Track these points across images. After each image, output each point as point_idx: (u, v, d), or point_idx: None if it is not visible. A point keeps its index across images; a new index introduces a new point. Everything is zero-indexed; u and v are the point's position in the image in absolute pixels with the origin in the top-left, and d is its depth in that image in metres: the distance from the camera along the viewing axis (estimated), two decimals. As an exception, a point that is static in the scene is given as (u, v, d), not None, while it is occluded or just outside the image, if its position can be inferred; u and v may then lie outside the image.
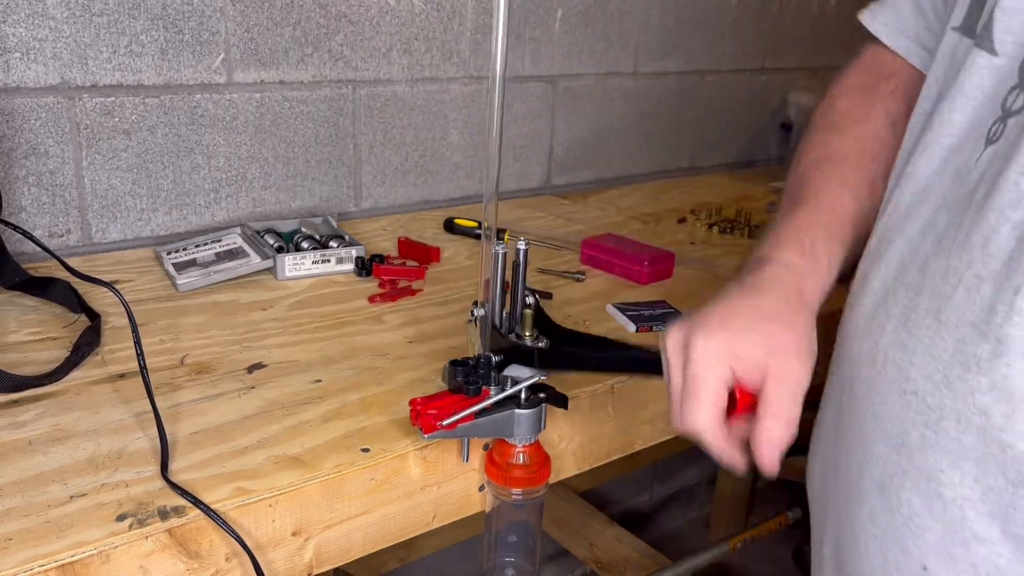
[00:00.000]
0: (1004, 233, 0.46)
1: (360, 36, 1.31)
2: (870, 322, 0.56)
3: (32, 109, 1.07)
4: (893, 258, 0.56)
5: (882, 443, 0.54)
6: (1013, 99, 0.49)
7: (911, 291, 0.53)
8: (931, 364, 0.50)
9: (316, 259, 1.11)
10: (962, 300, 0.48)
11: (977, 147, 0.51)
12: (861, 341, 0.57)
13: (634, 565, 1.50)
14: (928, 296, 0.51)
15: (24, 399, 0.76)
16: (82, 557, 0.57)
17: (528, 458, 0.74)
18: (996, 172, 0.48)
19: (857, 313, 0.59)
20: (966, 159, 0.51)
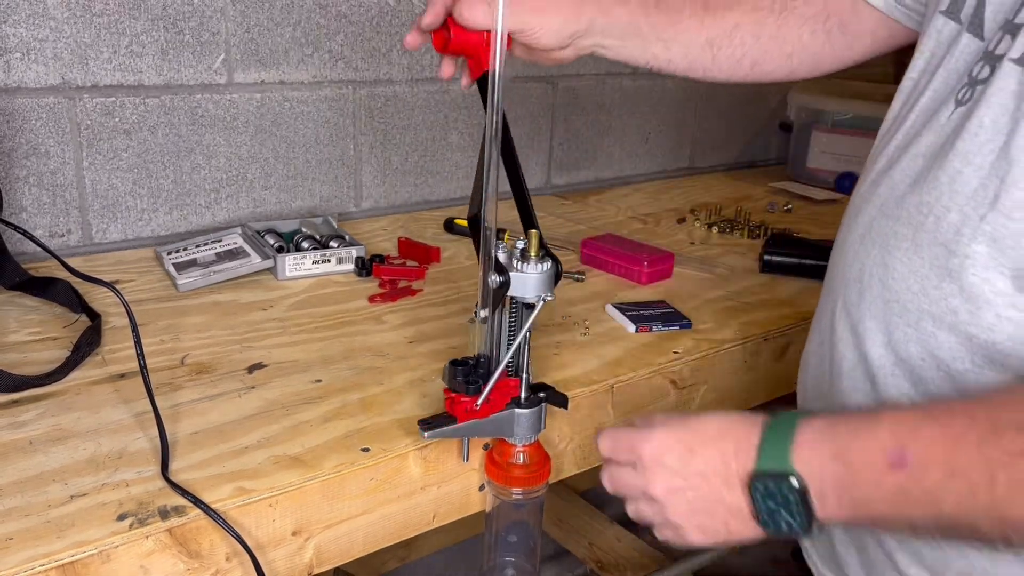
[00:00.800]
0: (967, 174, 0.57)
1: (360, 36, 1.32)
2: (858, 248, 0.67)
3: (33, 109, 1.07)
4: (879, 198, 0.66)
5: (875, 344, 0.64)
6: (979, 70, 0.60)
7: (891, 221, 0.64)
8: (910, 277, 0.61)
9: (316, 259, 1.11)
10: (932, 226, 0.59)
11: (949, 107, 0.61)
12: (851, 266, 0.68)
13: (634, 565, 1.50)
14: (905, 224, 0.62)
15: (24, 399, 0.76)
16: (82, 557, 0.57)
17: (528, 458, 0.74)
18: (961, 126, 0.59)
19: (848, 243, 0.69)
20: (940, 118, 0.62)
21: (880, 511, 0.52)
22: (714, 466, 0.57)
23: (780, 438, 0.55)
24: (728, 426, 0.58)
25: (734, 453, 0.56)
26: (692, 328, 1.00)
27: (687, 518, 0.59)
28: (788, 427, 0.55)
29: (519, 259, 0.69)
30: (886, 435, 0.51)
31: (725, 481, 0.57)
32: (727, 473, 0.57)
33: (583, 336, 0.96)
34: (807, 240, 1.29)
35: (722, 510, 0.57)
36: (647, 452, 0.60)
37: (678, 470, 0.59)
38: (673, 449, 0.59)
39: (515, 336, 0.70)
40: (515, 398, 0.73)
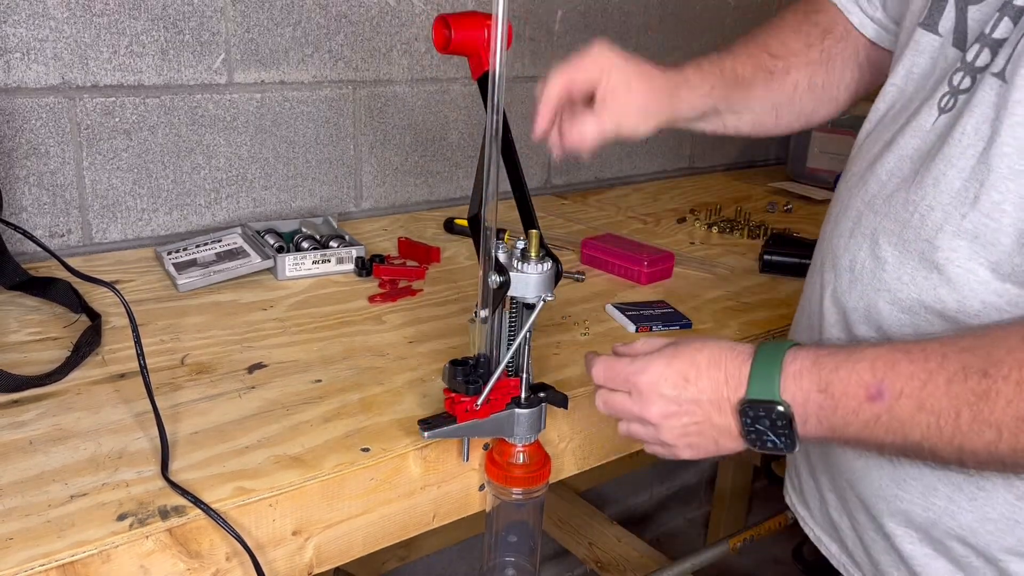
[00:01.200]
0: (951, 176, 0.62)
1: (360, 36, 1.32)
2: (848, 240, 0.71)
3: (33, 109, 1.07)
4: (867, 193, 0.70)
5: (864, 326, 0.69)
6: (959, 80, 0.64)
7: (879, 216, 0.68)
8: (900, 269, 0.66)
9: (316, 259, 1.11)
10: (918, 223, 0.64)
11: (932, 114, 0.66)
12: (841, 256, 0.72)
13: (634, 565, 1.50)
14: (892, 220, 0.67)
15: (25, 399, 0.76)
16: (83, 557, 0.57)
17: (528, 458, 0.74)
18: (946, 133, 0.63)
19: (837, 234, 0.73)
20: (923, 123, 0.67)
21: (854, 434, 0.59)
22: (707, 394, 0.63)
23: (769, 369, 0.61)
24: (719, 356, 0.64)
25: (725, 381, 0.63)
26: (692, 328, 1.00)
27: (679, 439, 0.65)
28: (776, 358, 0.61)
29: (519, 259, 0.69)
30: (866, 370, 0.57)
31: (717, 407, 0.63)
32: (719, 400, 0.63)
33: (583, 336, 0.96)
34: (807, 240, 1.29)
35: (713, 431, 0.64)
36: (643, 382, 0.65)
37: (673, 397, 0.64)
38: (668, 379, 0.64)
39: (515, 336, 0.71)
40: (515, 398, 0.73)
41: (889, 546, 0.70)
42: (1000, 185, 0.59)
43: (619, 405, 0.68)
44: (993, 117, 0.60)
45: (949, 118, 0.64)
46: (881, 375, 0.56)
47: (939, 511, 0.65)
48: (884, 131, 0.72)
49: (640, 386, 0.65)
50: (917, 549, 0.68)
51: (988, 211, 0.59)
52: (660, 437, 0.66)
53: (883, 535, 0.70)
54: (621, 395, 0.67)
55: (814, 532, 0.82)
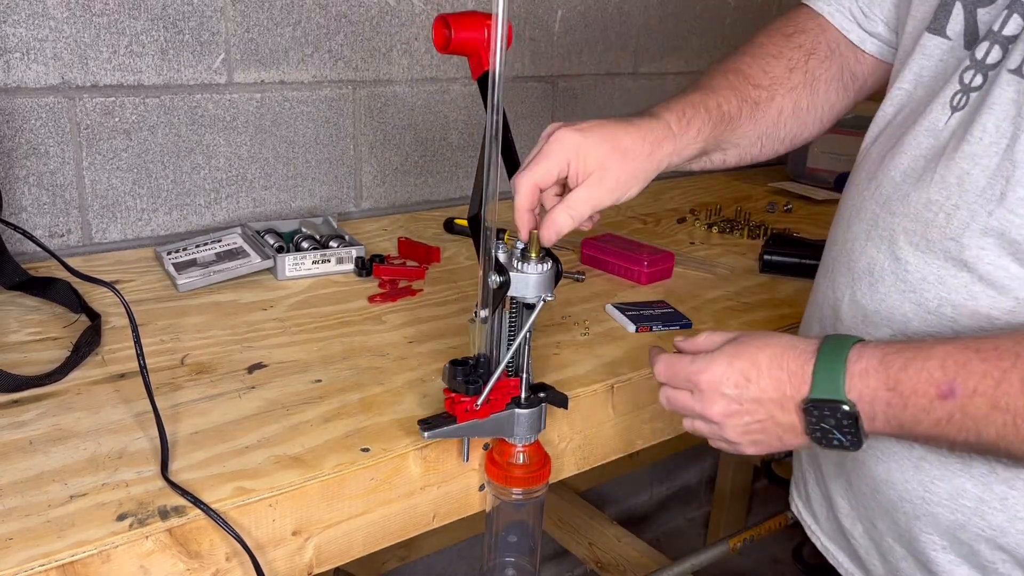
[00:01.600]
0: (975, 174, 0.62)
1: (360, 36, 1.31)
2: (864, 243, 0.71)
3: (32, 109, 1.07)
4: (881, 195, 0.70)
5: (887, 328, 0.68)
6: (971, 77, 0.64)
7: (897, 217, 0.67)
8: (925, 269, 0.65)
9: (316, 259, 1.11)
10: (943, 222, 0.63)
11: (944, 112, 0.66)
12: (857, 260, 0.71)
13: (634, 565, 1.50)
14: (913, 220, 0.66)
15: (24, 399, 0.76)
16: (82, 557, 0.57)
17: (528, 458, 0.74)
18: (963, 131, 0.63)
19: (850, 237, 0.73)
20: (935, 122, 0.66)
21: (924, 432, 0.58)
22: (769, 394, 0.63)
23: (833, 368, 0.60)
24: (781, 354, 0.63)
25: (788, 380, 0.62)
26: (692, 328, 1.00)
27: (742, 436, 0.65)
28: (839, 356, 0.60)
29: (519, 259, 0.69)
30: (936, 368, 0.56)
31: (780, 405, 0.62)
32: (782, 399, 0.62)
33: (583, 336, 0.96)
34: (807, 240, 1.29)
35: (776, 429, 0.64)
36: (704, 381, 0.65)
37: (734, 397, 0.64)
38: (729, 378, 0.64)
39: (515, 336, 0.70)
40: (515, 398, 0.73)
41: (909, 552, 0.69)
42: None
43: (682, 403, 0.68)
44: (1015, 114, 0.60)
45: (964, 116, 0.64)
46: (952, 373, 0.56)
47: (968, 512, 0.64)
48: (894, 133, 0.72)
49: (701, 385, 0.65)
50: (941, 556, 0.66)
51: (1014, 207, 0.59)
52: (723, 435, 0.66)
53: (904, 541, 0.69)
54: (684, 393, 0.67)
55: (821, 541, 0.81)
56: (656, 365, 0.70)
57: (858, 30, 0.84)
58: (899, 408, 0.58)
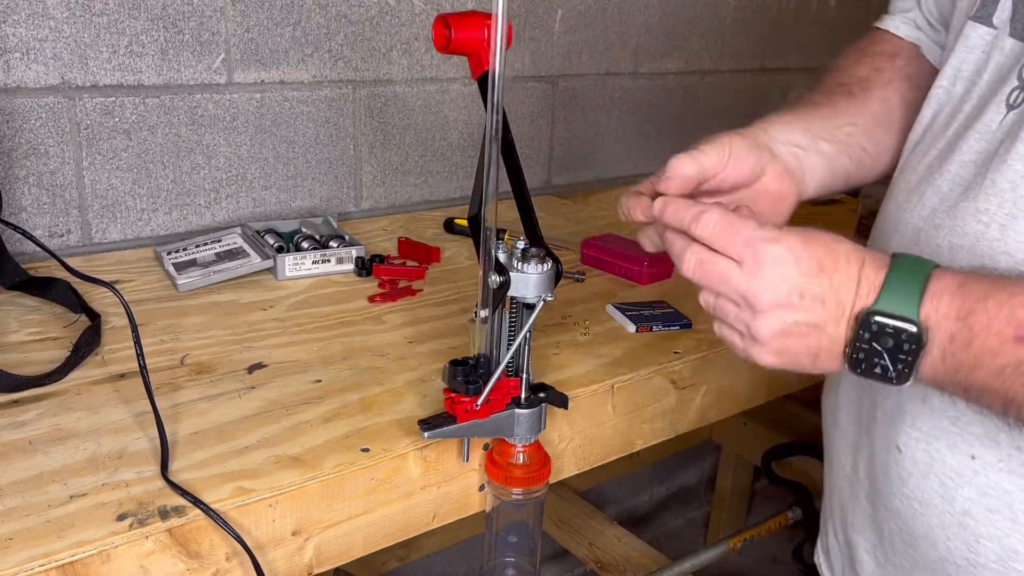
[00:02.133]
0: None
1: (360, 36, 1.31)
2: None
3: (32, 109, 1.07)
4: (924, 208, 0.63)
5: None
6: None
7: (943, 232, 0.61)
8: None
9: (316, 259, 1.11)
10: (997, 234, 0.56)
11: (999, 112, 0.59)
12: None
13: (634, 565, 1.50)
14: (960, 235, 0.59)
15: (24, 399, 0.76)
16: (82, 557, 0.57)
17: (528, 458, 0.74)
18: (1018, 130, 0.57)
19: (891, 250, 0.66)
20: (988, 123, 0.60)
21: (981, 380, 0.50)
22: (838, 295, 0.53)
23: (911, 281, 0.52)
24: (860, 253, 0.54)
25: (858, 282, 0.53)
26: (692, 328, 1.00)
27: (775, 338, 0.55)
28: (921, 272, 0.52)
29: (519, 259, 0.69)
30: (1020, 306, 0.49)
31: (838, 314, 0.53)
32: (848, 304, 0.53)
33: (583, 336, 0.96)
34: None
35: (820, 340, 0.54)
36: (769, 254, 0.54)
37: (799, 286, 0.53)
38: (802, 260, 0.53)
39: (515, 336, 0.70)
40: (515, 398, 0.73)
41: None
42: None
43: (720, 273, 0.56)
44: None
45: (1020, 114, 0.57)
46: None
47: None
48: (936, 139, 0.65)
49: (763, 258, 0.54)
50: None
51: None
52: (753, 327, 0.55)
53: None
54: (728, 262, 0.55)
55: None
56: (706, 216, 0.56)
57: (928, 41, 0.78)
58: (962, 345, 0.50)
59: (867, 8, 2.18)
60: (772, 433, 1.78)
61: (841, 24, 2.04)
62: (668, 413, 0.93)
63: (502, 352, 0.71)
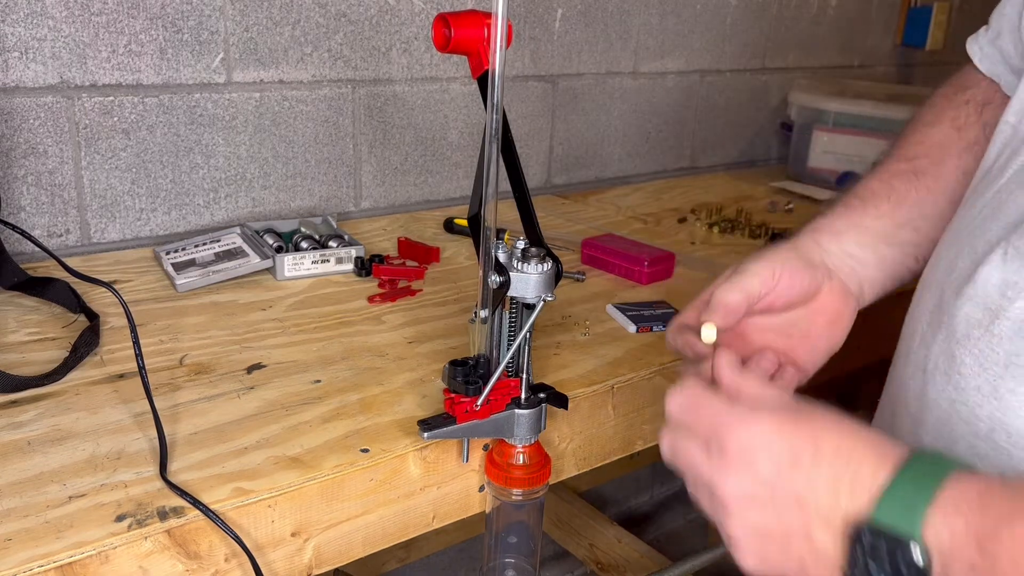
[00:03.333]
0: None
1: (360, 36, 1.31)
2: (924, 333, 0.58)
3: (31, 109, 1.07)
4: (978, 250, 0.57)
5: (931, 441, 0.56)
6: None
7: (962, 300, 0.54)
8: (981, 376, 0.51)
9: (315, 259, 1.11)
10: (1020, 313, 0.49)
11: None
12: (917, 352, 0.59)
13: (634, 565, 1.50)
14: (983, 309, 0.52)
15: (23, 399, 0.76)
16: (81, 557, 0.57)
17: (528, 458, 0.74)
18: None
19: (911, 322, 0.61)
20: None
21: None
22: (818, 494, 0.44)
23: (917, 489, 0.41)
24: (853, 444, 0.44)
25: (850, 483, 0.43)
26: (693, 328, 0.99)
27: (750, 539, 0.46)
28: (932, 477, 0.42)
29: (519, 259, 0.69)
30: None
31: (824, 518, 0.44)
32: (831, 508, 0.43)
33: (583, 336, 0.96)
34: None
35: (803, 548, 0.45)
36: (734, 440, 0.46)
37: (768, 480, 0.45)
38: (772, 449, 0.45)
39: (515, 336, 0.70)
40: (515, 398, 0.72)
41: None
42: None
43: (690, 458, 0.50)
44: None
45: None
46: None
47: None
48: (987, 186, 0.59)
49: (727, 443, 0.47)
50: None
51: None
52: (724, 524, 0.47)
53: None
54: (697, 444, 0.49)
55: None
56: (672, 395, 0.52)
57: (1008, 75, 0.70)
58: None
59: (867, 8, 2.19)
60: (772, 433, 1.77)
61: (841, 23, 2.04)
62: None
63: (502, 352, 0.71)
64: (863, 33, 2.11)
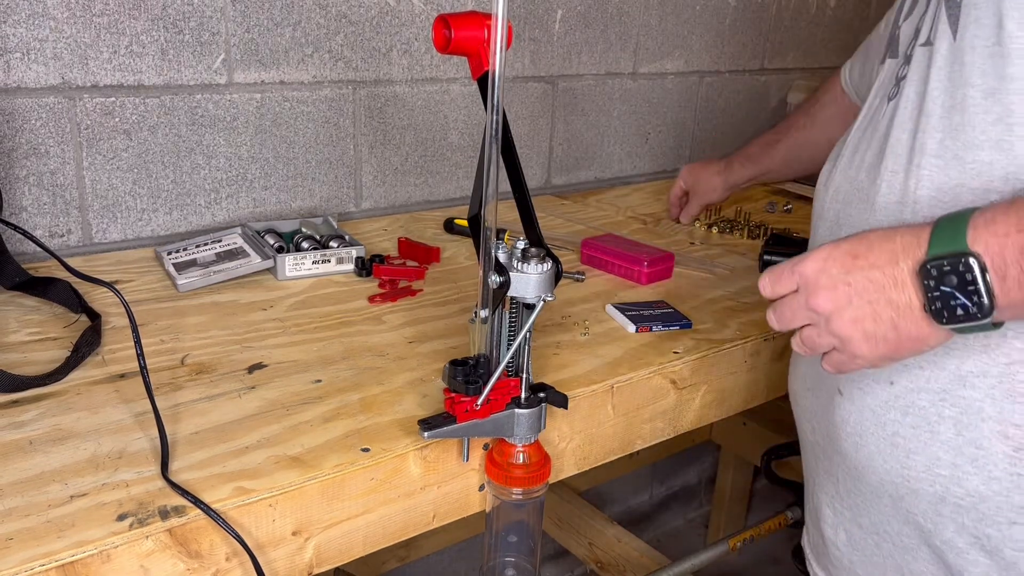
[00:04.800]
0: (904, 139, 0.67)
1: (360, 36, 1.32)
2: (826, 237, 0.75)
3: (33, 109, 1.07)
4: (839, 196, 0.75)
5: None
6: (901, 71, 0.70)
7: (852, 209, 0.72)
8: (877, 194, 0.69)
9: (316, 259, 1.11)
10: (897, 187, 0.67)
11: (883, 106, 0.71)
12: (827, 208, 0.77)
13: (634, 565, 1.50)
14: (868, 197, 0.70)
15: (24, 399, 0.76)
16: (83, 557, 0.57)
17: (528, 458, 0.74)
18: (893, 111, 0.69)
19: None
20: (876, 120, 0.72)
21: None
22: (880, 266, 0.58)
23: (953, 224, 0.55)
24: (892, 231, 0.59)
25: (902, 248, 0.57)
26: (692, 328, 1.00)
27: (854, 328, 0.59)
28: (961, 216, 0.55)
29: (519, 259, 0.69)
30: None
31: (893, 278, 0.57)
32: (895, 270, 0.57)
33: (583, 336, 0.96)
34: (807, 240, 1.29)
35: (889, 311, 0.58)
36: (808, 269, 0.61)
37: (841, 277, 0.59)
38: (835, 259, 0.60)
39: (515, 336, 0.71)
40: (515, 398, 0.73)
41: (896, 547, 0.69)
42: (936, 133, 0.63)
43: (789, 306, 0.63)
44: (923, 75, 0.65)
45: (895, 101, 0.69)
46: None
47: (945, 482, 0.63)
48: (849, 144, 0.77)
49: (806, 272, 0.61)
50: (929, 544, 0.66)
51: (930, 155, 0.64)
52: (834, 329, 0.60)
53: (890, 536, 0.69)
54: (790, 297, 0.63)
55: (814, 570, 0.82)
56: (760, 280, 0.66)
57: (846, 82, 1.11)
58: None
59: (867, 8, 2.19)
60: (772, 433, 1.78)
61: (840, 24, 2.04)
62: (668, 413, 0.93)
63: (502, 352, 0.71)
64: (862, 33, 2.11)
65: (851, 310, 0.59)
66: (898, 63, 0.72)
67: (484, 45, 0.70)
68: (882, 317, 0.58)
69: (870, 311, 0.58)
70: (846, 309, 0.59)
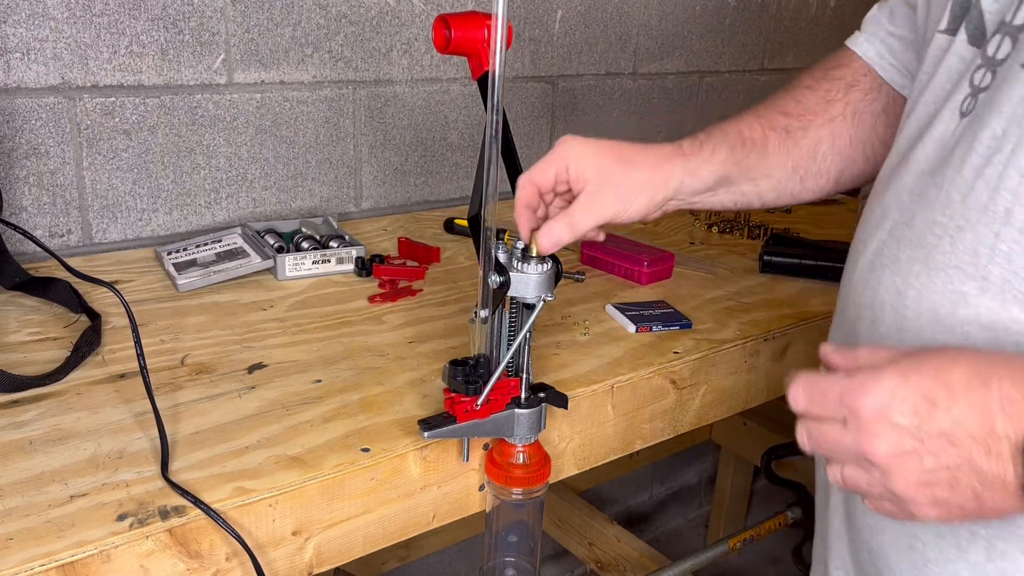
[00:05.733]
0: (979, 188, 0.54)
1: (360, 36, 1.32)
2: (867, 275, 0.63)
3: (33, 109, 1.07)
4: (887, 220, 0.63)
5: None
6: (980, 77, 0.57)
7: (902, 244, 0.60)
8: (922, 303, 0.56)
9: (316, 259, 1.11)
10: (948, 248, 0.55)
11: (953, 119, 0.58)
12: (861, 293, 0.63)
13: (634, 565, 1.50)
14: (917, 247, 0.58)
15: (24, 399, 0.76)
16: (83, 557, 0.57)
17: (528, 458, 0.74)
18: (972, 138, 0.55)
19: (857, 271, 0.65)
20: (944, 132, 0.59)
21: None
22: (968, 426, 0.45)
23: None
24: (987, 369, 0.46)
25: (1000, 408, 0.44)
26: (692, 328, 1.00)
27: (919, 489, 0.47)
28: None
29: (519, 259, 0.69)
30: None
31: (984, 446, 0.45)
32: (987, 435, 0.45)
33: (583, 336, 0.96)
34: (807, 240, 1.29)
35: (973, 480, 0.46)
36: (865, 406, 0.47)
37: (911, 429, 0.46)
38: (905, 400, 0.46)
39: (515, 336, 0.71)
40: (515, 398, 0.73)
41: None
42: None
43: (829, 439, 0.50)
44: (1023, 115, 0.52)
45: (971, 121, 0.56)
46: None
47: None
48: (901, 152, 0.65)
49: (860, 411, 0.48)
50: None
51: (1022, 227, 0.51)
52: (890, 486, 0.48)
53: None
54: (833, 425, 0.50)
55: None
56: (793, 388, 0.52)
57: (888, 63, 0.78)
58: None
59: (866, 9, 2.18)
60: (772, 433, 1.78)
61: (840, 24, 2.04)
62: (668, 413, 0.93)
63: (502, 352, 0.71)
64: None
65: (919, 472, 0.47)
66: (973, 56, 0.59)
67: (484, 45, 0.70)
68: (961, 485, 0.46)
69: (946, 477, 0.46)
70: (912, 466, 0.47)
